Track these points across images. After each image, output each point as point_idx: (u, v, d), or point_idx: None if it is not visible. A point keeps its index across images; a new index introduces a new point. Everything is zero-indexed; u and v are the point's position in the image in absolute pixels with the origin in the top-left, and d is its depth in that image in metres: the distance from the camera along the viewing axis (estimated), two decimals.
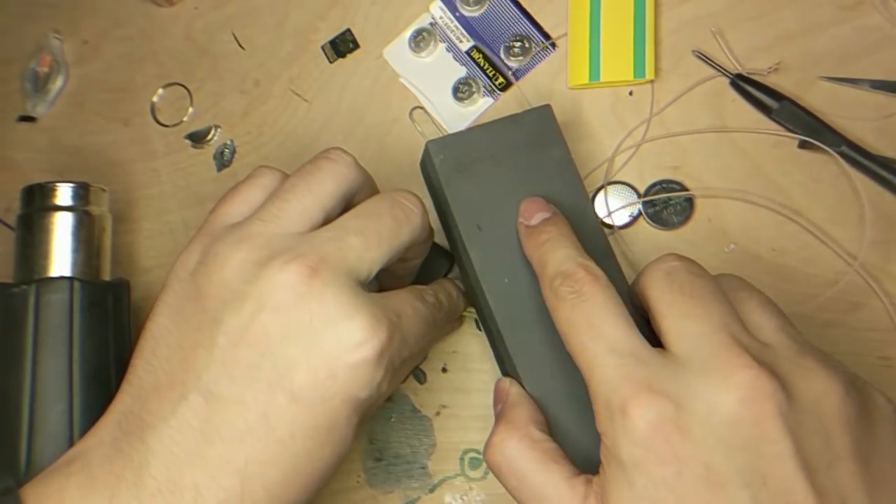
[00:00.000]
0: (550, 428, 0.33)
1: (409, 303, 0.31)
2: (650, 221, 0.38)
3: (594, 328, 0.28)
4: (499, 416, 0.32)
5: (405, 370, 0.35)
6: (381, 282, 0.35)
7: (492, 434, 0.31)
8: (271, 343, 0.27)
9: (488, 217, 0.35)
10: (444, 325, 0.35)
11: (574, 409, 0.33)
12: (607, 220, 0.38)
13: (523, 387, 0.34)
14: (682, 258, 0.29)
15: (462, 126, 0.41)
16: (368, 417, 0.33)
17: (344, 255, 0.28)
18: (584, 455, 0.31)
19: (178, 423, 0.27)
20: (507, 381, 0.34)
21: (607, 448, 0.27)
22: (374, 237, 0.30)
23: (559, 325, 0.30)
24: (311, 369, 0.27)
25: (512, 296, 0.35)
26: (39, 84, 0.45)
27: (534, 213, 0.33)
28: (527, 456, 0.30)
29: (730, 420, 0.25)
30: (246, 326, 0.27)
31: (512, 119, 0.36)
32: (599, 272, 0.29)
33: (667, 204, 0.38)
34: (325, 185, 0.31)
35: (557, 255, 0.31)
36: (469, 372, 0.39)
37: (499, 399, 0.34)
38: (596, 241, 0.35)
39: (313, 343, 0.27)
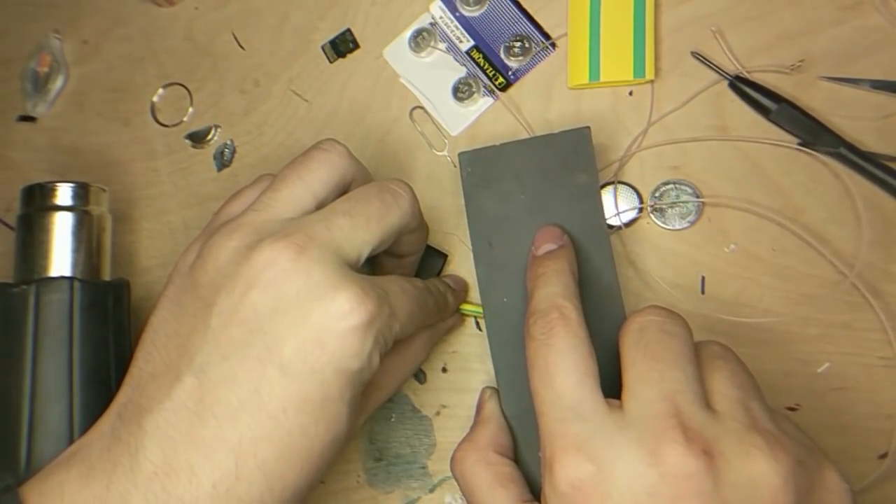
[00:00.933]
0: (520, 448, 0.34)
1: (396, 282, 0.31)
2: (657, 222, 0.38)
3: (548, 375, 0.29)
4: (469, 431, 0.34)
5: (404, 364, 0.35)
6: None
7: (456, 448, 0.33)
8: (260, 320, 0.27)
9: (500, 235, 0.36)
10: (435, 314, 0.35)
11: None
12: (614, 221, 0.38)
13: (502, 402, 0.35)
14: (661, 312, 0.30)
15: (462, 126, 0.41)
16: (367, 408, 0.33)
17: (331, 234, 0.29)
18: None
19: (173, 405, 0.27)
20: (487, 393, 0.35)
21: (543, 490, 0.28)
22: (362, 218, 0.30)
23: (527, 362, 0.30)
24: (299, 341, 0.27)
25: (506, 315, 0.35)
26: (39, 84, 0.45)
27: (543, 243, 0.34)
28: (480, 476, 0.31)
29: (650, 492, 0.26)
30: (236, 306, 0.27)
31: (547, 138, 0.36)
32: (573, 315, 0.30)
33: (673, 205, 0.38)
34: (317, 174, 0.31)
35: (542, 292, 0.31)
36: (469, 372, 0.39)
37: (477, 407, 0.35)
38: (604, 276, 0.35)
39: (301, 316, 0.27)
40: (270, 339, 0.27)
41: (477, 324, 0.39)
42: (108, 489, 0.26)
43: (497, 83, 0.41)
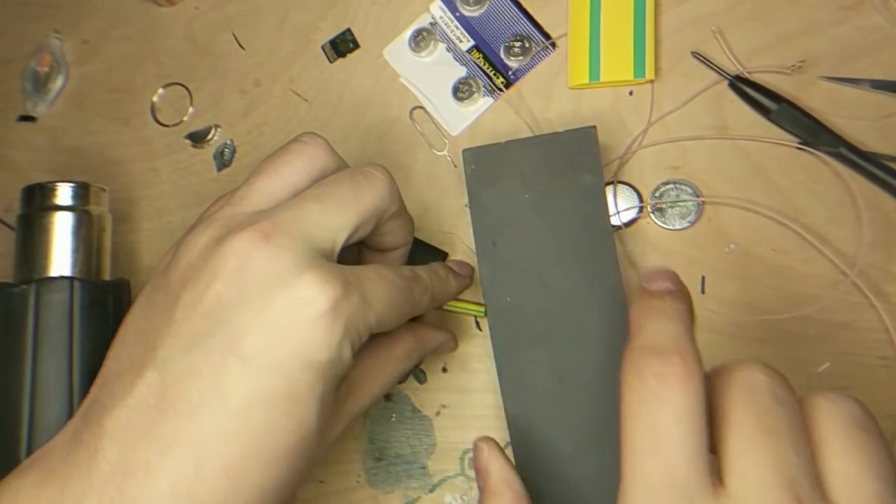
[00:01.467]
0: (518, 449, 0.34)
1: (374, 270, 0.29)
2: (657, 221, 0.38)
3: (656, 438, 0.24)
4: None
5: (385, 367, 0.33)
6: None
7: None
8: (224, 310, 0.26)
9: (504, 234, 0.36)
10: (426, 302, 0.32)
11: (548, 433, 0.34)
12: (614, 220, 0.38)
13: (503, 402, 0.34)
14: (770, 373, 0.25)
15: (462, 126, 0.41)
16: (344, 414, 0.31)
17: (299, 220, 0.27)
18: (550, 475, 0.33)
19: (135, 402, 0.26)
20: (485, 452, 0.31)
21: None
22: (334, 201, 0.28)
23: (621, 399, 0.26)
24: (261, 332, 0.26)
25: (510, 315, 0.35)
26: (39, 84, 0.45)
27: (658, 280, 0.29)
28: None
29: None
30: (200, 298, 0.26)
31: (552, 137, 0.36)
32: (696, 370, 0.25)
33: (673, 204, 0.38)
34: (293, 165, 0.30)
35: (661, 326, 0.26)
36: (469, 372, 0.39)
37: (478, 472, 0.31)
38: (608, 278, 0.35)
39: (264, 306, 0.26)
40: (233, 331, 0.26)
41: (477, 324, 0.39)
42: (63, 493, 0.25)
43: (497, 83, 0.41)
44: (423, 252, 0.39)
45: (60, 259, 0.36)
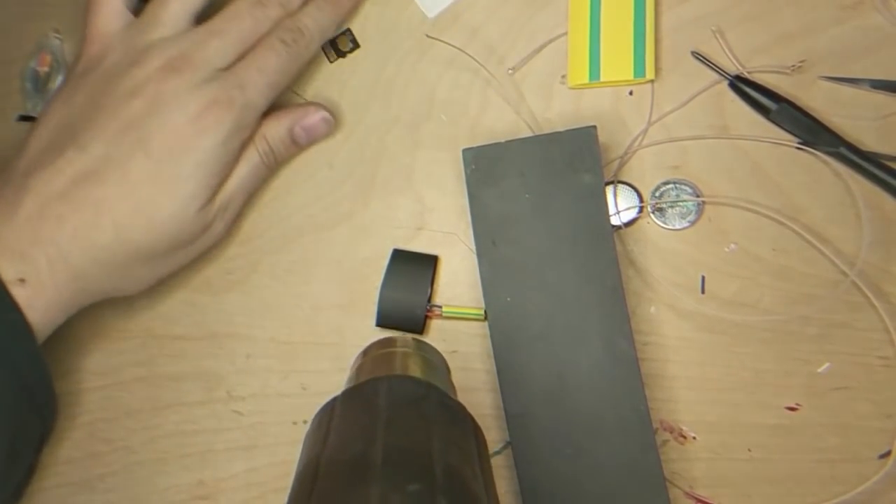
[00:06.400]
0: (518, 448, 0.34)
1: (254, 63, 0.36)
2: (657, 221, 0.38)
3: None
4: None
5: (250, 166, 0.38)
6: None
7: None
8: (138, 120, 0.34)
9: (504, 234, 0.36)
10: (307, 45, 0.39)
11: (548, 433, 0.34)
12: (614, 220, 0.38)
13: (503, 401, 0.34)
14: None
15: (440, 7, 0.41)
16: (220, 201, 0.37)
17: (201, 53, 0.35)
18: (550, 475, 0.33)
19: (55, 171, 0.34)
20: None
21: None
22: (232, 35, 0.36)
23: None
24: (164, 138, 0.34)
25: (510, 315, 0.35)
26: (39, 84, 0.45)
27: None
28: None
29: None
30: (119, 108, 0.35)
31: (552, 137, 0.36)
32: None
33: (673, 204, 0.38)
34: None
35: None
36: (469, 372, 0.39)
37: None
38: (608, 277, 0.35)
39: (168, 120, 0.34)
40: (144, 134, 0.34)
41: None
42: None
43: None
44: (410, 262, 0.39)
45: None
